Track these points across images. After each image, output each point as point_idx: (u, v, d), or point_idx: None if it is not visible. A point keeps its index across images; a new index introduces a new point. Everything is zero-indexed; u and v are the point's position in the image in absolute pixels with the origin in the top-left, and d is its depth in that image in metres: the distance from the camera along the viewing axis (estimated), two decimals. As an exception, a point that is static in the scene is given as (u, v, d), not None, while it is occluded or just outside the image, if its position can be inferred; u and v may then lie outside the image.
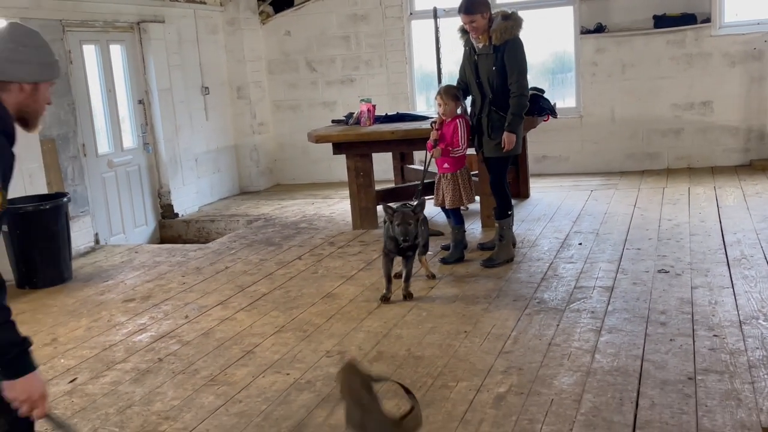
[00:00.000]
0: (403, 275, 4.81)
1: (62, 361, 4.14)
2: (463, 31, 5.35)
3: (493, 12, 5.22)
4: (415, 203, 4.82)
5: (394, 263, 4.85)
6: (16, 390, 2.04)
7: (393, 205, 4.93)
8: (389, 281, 4.78)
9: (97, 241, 6.95)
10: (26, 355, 2.07)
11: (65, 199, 5.85)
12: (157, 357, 4.10)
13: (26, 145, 5.96)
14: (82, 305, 5.15)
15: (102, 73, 7.25)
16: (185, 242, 7.67)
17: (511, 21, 5.12)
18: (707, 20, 8.20)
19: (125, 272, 5.95)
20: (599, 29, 8.50)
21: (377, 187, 6.85)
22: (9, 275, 5.78)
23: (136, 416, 3.40)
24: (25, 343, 2.06)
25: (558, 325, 4.11)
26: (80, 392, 3.71)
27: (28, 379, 2.05)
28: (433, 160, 5.45)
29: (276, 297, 5.02)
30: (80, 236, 6.60)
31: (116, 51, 7.49)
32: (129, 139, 7.67)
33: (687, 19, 8.23)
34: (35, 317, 4.94)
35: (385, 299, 4.74)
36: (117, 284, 5.62)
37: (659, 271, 4.91)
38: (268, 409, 3.37)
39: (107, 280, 5.76)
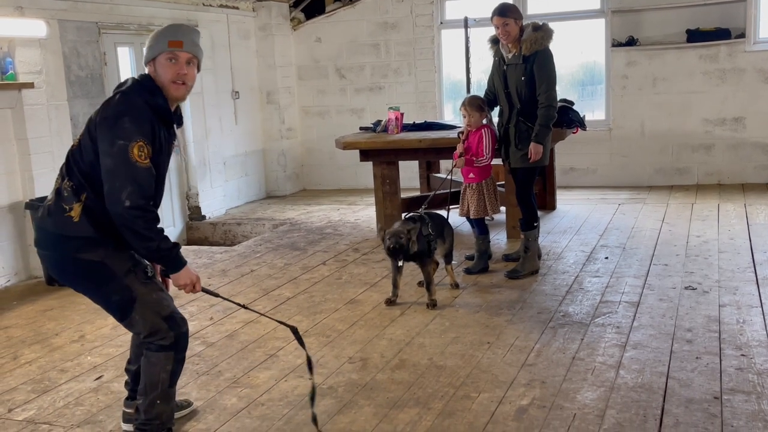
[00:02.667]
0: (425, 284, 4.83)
1: (89, 358, 4.20)
2: (494, 41, 5.35)
3: (524, 23, 5.22)
4: (415, 214, 4.88)
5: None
6: (182, 278, 2.94)
7: (414, 211, 4.94)
8: (394, 286, 4.87)
9: (125, 241, 7.03)
10: (180, 254, 2.93)
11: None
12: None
13: (60, 144, 6.07)
14: (109, 304, 5.22)
15: (135, 75, 7.34)
16: (212, 244, 7.74)
17: (542, 32, 5.11)
18: (742, 35, 8.11)
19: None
20: (631, 42, 8.45)
21: (403, 195, 6.86)
22: (39, 272, 5.89)
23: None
24: (178, 245, 2.94)
25: (582, 339, 4.08)
26: (106, 389, 3.76)
27: (186, 270, 2.95)
28: (458, 170, 5.46)
29: (300, 301, 5.05)
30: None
31: (150, 54, 7.58)
32: (159, 141, 7.75)
33: (721, 34, 8.15)
34: (63, 314, 5.01)
35: (389, 302, 4.83)
36: (144, 284, 5.68)
37: (686, 288, 4.85)
38: (290, 413, 3.39)
39: (134, 279, 5.83)
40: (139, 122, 2.81)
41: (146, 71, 2.99)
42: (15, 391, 3.79)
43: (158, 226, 2.86)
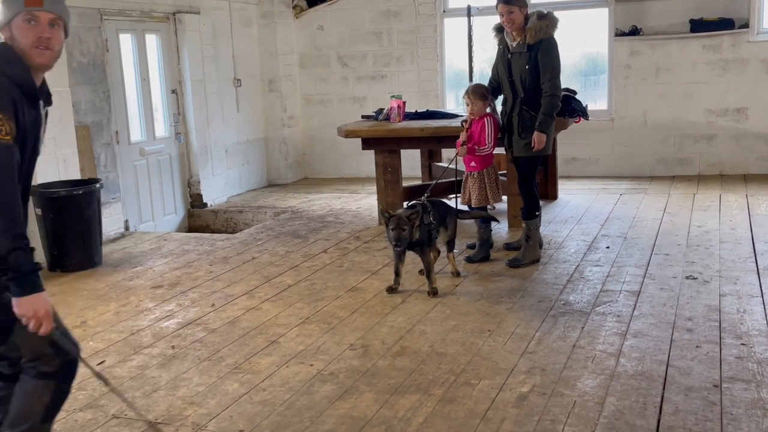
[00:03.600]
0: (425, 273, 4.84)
1: (91, 343, 4.21)
2: (498, 30, 5.34)
3: (529, 11, 5.21)
4: (412, 204, 4.88)
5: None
6: (24, 306, 2.28)
7: (419, 200, 4.95)
8: (396, 275, 4.87)
9: (126, 228, 7.06)
10: (35, 275, 2.28)
11: (98, 185, 5.95)
12: (183, 343, 4.16)
13: (61, 130, 6.07)
14: (111, 290, 5.24)
15: (137, 62, 7.35)
16: (213, 232, 7.75)
17: (546, 20, 5.10)
18: (745, 26, 8.08)
19: (154, 259, 6.04)
20: (634, 32, 8.42)
21: (404, 184, 6.86)
22: (41, 258, 5.90)
23: (162, 400, 3.45)
24: (36, 266, 2.29)
25: (583, 328, 4.10)
26: (108, 375, 3.76)
27: (35, 298, 2.28)
28: (461, 158, 5.46)
29: (301, 289, 5.06)
30: (111, 222, 6.70)
31: (152, 40, 7.59)
32: (161, 128, 7.77)
33: (724, 24, 8.12)
34: (65, 300, 5.03)
35: (390, 290, 4.84)
36: (145, 270, 5.71)
37: (687, 278, 4.86)
38: (291, 398, 3.40)
39: (136, 266, 5.85)
40: None
41: (0, 38, 2.45)
42: (17, 376, 3.81)
43: (19, 228, 2.28)
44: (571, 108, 6.24)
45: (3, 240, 2.22)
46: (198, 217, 8.16)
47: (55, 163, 6.02)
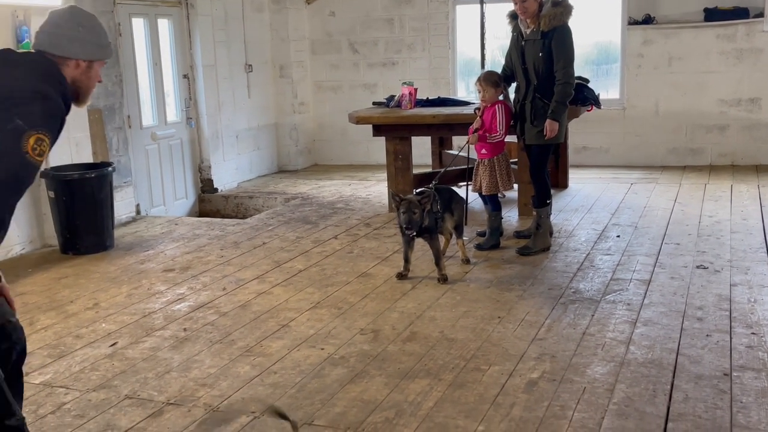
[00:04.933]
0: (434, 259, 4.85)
1: (103, 325, 4.25)
2: (512, 17, 5.31)
3: (543, -2, 5.18)
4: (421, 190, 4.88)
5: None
6: None
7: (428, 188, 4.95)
8: (406, 261, 4.88)
9: (138, 212, 7.10)
10: None
11: (110, 169, 5.98)
12: (195, 326, 4.19)
13: (74, 114, 6.04)
14: (123, 273, 5.28)
15: (149, 47, 7.36)
16: (223, 217, 7.79)
17: (561, 8, 5.07)
18: (760, 15, 8.02)
19: (165, 243, 6.07)
20: (647, 20, 8.37)
21: (415, 171, 6.86)
22: (54, 240, 5.95)
23: (174, 381, 3.49)
24: None
25: (593, 316, 4.10)
26: (120, 356, 3.82)
27: None
28: (472, 145, 5.45)
29: (312, 274, 5.08)
30: (122, 206, 6.74)
31: (164, 25, 7.59)
32: (173, 113, 7.79)
33: (739, 13, 8.06)
34: (78, 282, 5.07)
35: (400, 276, 4.86)
36: (157, 254, 5.74)
37: (698, 267, 4.86)
38: (302, 381, 3.43)
39: (148, 249, 5.89)
40: (50, 112, 2.32)
41: (63, 63, 2.44)
42: (31, 356, 3.84)
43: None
44: (583, 96, 6.23)
45: None
46: (209, 202, 8.19)
47: (68, 146, 6.05)
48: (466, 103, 7.00)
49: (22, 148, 2.20)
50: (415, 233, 4.74)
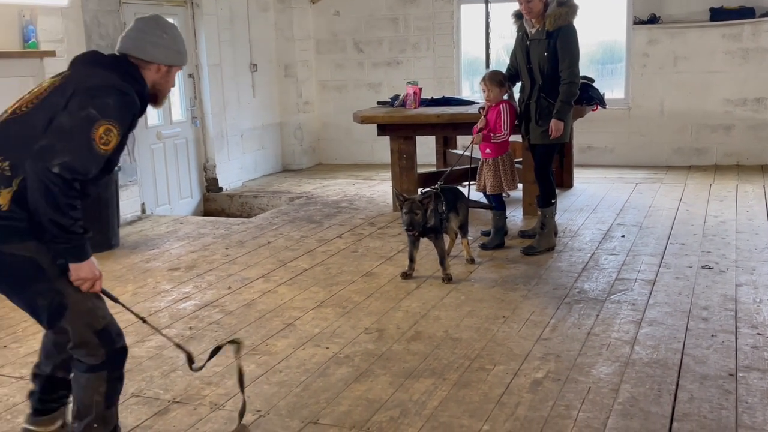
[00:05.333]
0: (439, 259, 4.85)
1: (109, 323, 4.26)
2: (517, 16, 5.31)
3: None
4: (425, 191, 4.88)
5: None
6: (84, 270, 2.51)
7: (433, 188, 4.96)
8: (411, 260, 4.89)
9: (143, 211, 7.11)
10: (88, 244, 2.51)
11: (116, 168, 5.98)
12: (201, 325, 4.20)
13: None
14: (128, 271, 5.29)
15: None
16: (228, 216, 7.80)
17: (566, 7, 5.07)
18: (766, 14, 8.00)
19: (170, 242, 6.09)
20: (652, 20, 8.36)
21: (419, 171, 6.87)
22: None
23: (180, 380, 3.50)
24: (89, 232, 2.51)
25: (598, 316, 4.10)
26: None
27: (90, 263, 2.53)
28: (476, 145, 5.45)
29: (316, 273, 5.09)
30: (128, 205, 6.76)
31: (169, 24, 7.60)
32: (178, 113, 7.81)
33: (745, 13, 8.04)
34: (84, 281, 5.08)
35: (405, 275, 4.86)
36: (162, 253, 5.76)
37: (703, 267, 4.85)
38: (307, 380, 3.44)
39: (153, 248, 5.91)
40: (124, 107, 2.51)
41: (145, 66, 2.65)
42: (38, 355, 3.86)
43: (77, 209, 2.45)
44: (588, 95, 6.23)
45: (70, 213, 2.40)
46: (213, 201, 8.21)
47: (74, 145, 6.06)
48: (470, 103, 7.00)
49: (91, 135, 2.39)
50: (416, 233, 4.74)
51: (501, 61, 8.33)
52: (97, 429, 2.68)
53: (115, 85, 2.50)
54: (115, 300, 2.78)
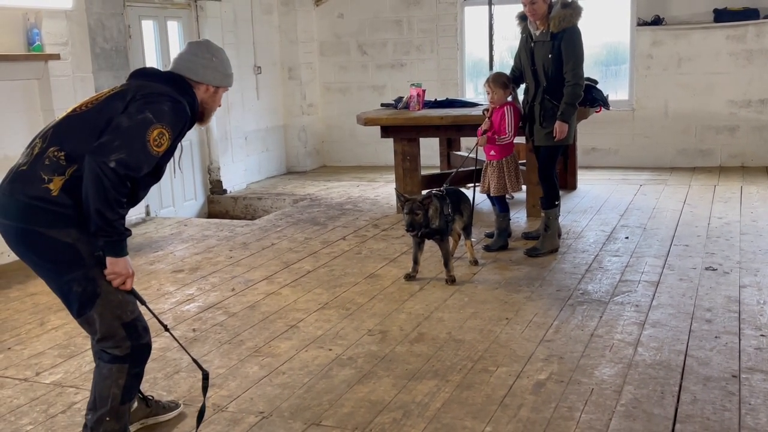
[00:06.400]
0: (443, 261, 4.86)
1: (113, 325, 4.27)
2: (521, 18, 5.31)
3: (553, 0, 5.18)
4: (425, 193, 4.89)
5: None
6: (119, 266, 2.65)
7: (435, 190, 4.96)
8: (415, 262, 4.90)
9: (148, 213, 7.13)
10: (125, 242, 2.66)
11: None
12: (204, 326, 4.21)
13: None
14: (132, 273, 5.30)
15: (159, 49, 7.40)
16: (232, 218, 7.82)
17: (571, 9, 5.07)
18: (770, 15, 7.99)
19: (174, 244, 6.10)
20: (656, 21, 8.35)
21: (423, 172, 6.87)
22: (64, 241, 5.98)
23: (183, 382, 3.51)
24: (129, 231, 2.67)
25: (601, 317, 4.10)
26: (130, 356, 3.83)
27: (126, 261, 2.67)
28: (481, 147, 5.46)
29: (320, 275, 5.10)
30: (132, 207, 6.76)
31: (173, 27, 7.64)
32: (182, 115, 7.81)
33: (749, 14, 8.03)
34: (88, 283, 5.10)
35: (408, 277, 4.87)
36: (166, 255, 5.77)
37: (707, 269, 4.84)
38: (310, 382, 3.44)
39: (157, 250, 5.92)
40: (177, 114, 2.70)
41: (196, 86, 2.87)
42: (42, 356, 3.89)
43: (123, 208, 2.61)
44: (592, 97, 6.22)
45: (116, 208, 2.56)
46: (218, 203, 8.23)
47: (78, 147, 6.08)
48: (474, 105, 7.01)
49: (146, 136, 2.57)
50: (418, 234, 4.73)
51: (505, 62, 8.33)
52: (108, 423, 2.74)
53: (171, 94, 2.73)
54: (142, 302, 2.85)
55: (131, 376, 2.76)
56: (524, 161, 6.35)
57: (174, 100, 2.72)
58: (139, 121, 2.59)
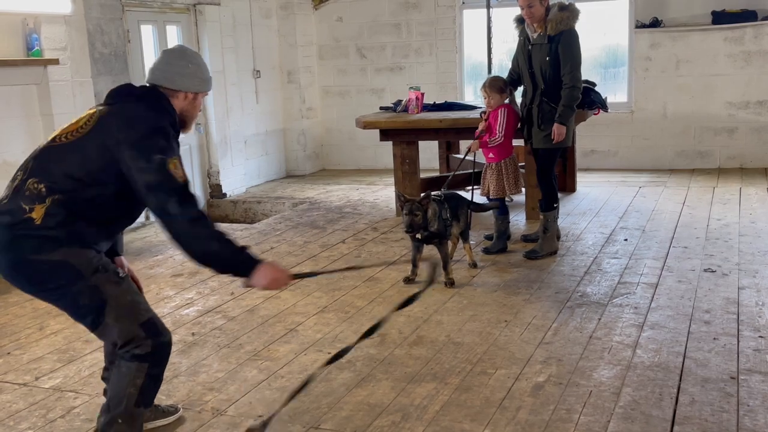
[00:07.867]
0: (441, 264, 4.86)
1: (113, 329, 4.28)
2: (519, 21, 5.33)
3: (550, 2, 5.19)
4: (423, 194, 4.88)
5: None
6: (259, 281, 2.68)
7: (436, 192, 4.97)
8: (414, 265, 4.90)
9: (147, 217, 7.13)
10: (249, 255, 2.67)
11: None
12: (203, 330, 4.22)
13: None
14: (132, 278, 5.31)
15: (158, 53, 7.39)
16: (232, 222, 7.82)
17: (568, 12, 5.08)
18: (768, 17, 8.00)
19: (174, 248, 6.09)
20: (654, 24, 8.36)
21: (422, 175, 6.88)
22: (63, 246, 5.98)
23: (182, 386, 3.51)
24: (245, 249, 2.67)
25: (600, 319, 4.10)
26: (129, 360, 3.84)
27: (261, 270, 2.66)
28: (480, 150, 5.47)
29: (319, 278, 5.09)
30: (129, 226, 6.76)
31: (172, 32, 7.65)
32: (181, 119, 7.82)
33: (747, 16, 8.04)
34: (88, 287, 5.10)
35: (407, 280, 4.89)
36: (166, 259, 5.78)
37: (706, 270, 4.85)
38: (309, 385, 3.43)
39: (156, 254, 5.93)
40: (170, 140, 2.71)
41: (173, 95, 2.83)
42: (41, 360, 3.89)
43: (224, 237, 2.65)
44: (590, 100, 6.21)
45: (218, 245, 2.65)
46: (217, 207, 8.23)
47: (78, 152, 6.09)
48: (473, 108, 7.02)
49: (172, 174, 2.61)
50: (416, 235, 4.74)
51: (503, 65, 8.34)
52: (120, 425, 2.71)
53: (158, 125, 2.69)
54: (312, 274, 3.33)
55: (150, 377, 2.72)
56: (523, 164, 6.36)
57: (161, 129, 2.69)
58: (157, 168, 2.60)
